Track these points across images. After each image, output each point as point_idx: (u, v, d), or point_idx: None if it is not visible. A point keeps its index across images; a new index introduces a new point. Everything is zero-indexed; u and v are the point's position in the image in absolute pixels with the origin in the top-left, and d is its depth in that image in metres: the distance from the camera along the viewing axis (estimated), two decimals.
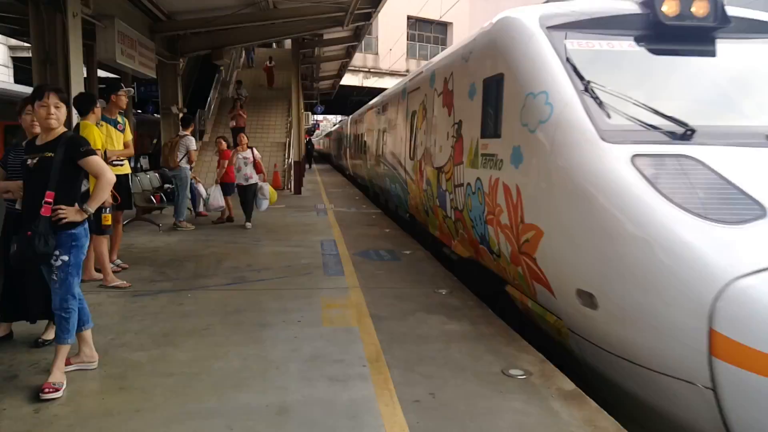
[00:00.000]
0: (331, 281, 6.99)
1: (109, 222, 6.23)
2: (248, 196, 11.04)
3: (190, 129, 11.14)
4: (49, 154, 3.87)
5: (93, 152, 4.09)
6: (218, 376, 4.15)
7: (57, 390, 3.79)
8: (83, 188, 4.42)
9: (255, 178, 11.04)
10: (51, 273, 3.93)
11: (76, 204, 4.00)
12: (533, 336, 5.33)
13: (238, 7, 13.47)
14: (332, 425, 3.48)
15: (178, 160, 10.65)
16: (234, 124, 19.57)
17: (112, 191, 6.57)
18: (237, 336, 5.00)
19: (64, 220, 3.86)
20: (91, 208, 4.02)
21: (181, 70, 16.24)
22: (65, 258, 3.91)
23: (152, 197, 11.00)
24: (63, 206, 3.87)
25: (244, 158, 10.96)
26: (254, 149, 11.26)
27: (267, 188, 11.20)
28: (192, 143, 10.84)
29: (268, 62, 26.72)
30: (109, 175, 4.09)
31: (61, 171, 3.88)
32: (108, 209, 6.16)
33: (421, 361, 4.51)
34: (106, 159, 6.36)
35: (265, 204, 11.20)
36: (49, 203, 3.82)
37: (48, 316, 4.60)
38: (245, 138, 11.37)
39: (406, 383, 4.08)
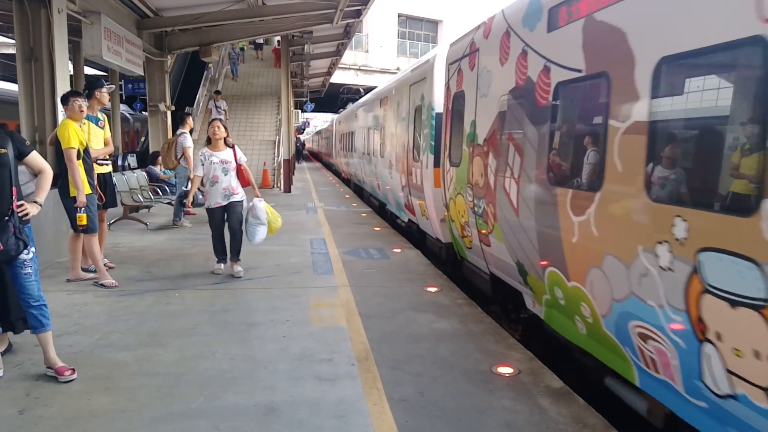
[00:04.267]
0: (321, 280, 6.95)
1: (84, 222, 6.08)
2: (233, 221, 7.05)
3: (188, 126, 10.99)
4: (3, 150, 3.88)
5: (33, 148, 4.17)
6: (205, 376, 4.11)
7: (73, 371, 4.04)
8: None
9: (241, 194, 7.10)
10: (24, 267, 3.98)
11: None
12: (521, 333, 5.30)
13: (226, 4, 13.38)
14: (320, 425, 3.45)
15: (178, 158, 10.69)
16: None
17: (97, 191, 6.56)
18: (224, 335, 4.96)
19: (30, 215, 3.95)
20: (42, 199, 4.08)
21: (169, 67, 16.13)
22: (33, 249, 4.04)
23: (140, 195, 10.93)
24: (23, 202, 3.94)
25: (222, 162, 6.92)
26: (237, 148, 7.18)
27: (263, 207, 7.04)
28: (186, 140, 10.78)
29: (276, 44, 26.92)
30: (50, 169, 4.20)
31: (15, 167, 3.94)
32: (82, 209, 6.04)
33: (410, 359, 4.49)
34: (84, 155, 6.25)
35: (261, 233, 7.02)
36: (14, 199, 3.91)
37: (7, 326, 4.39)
38: (221, 129, 7.05)
39: (395, 382, 4.07)
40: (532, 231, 4.71)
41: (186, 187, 10.62)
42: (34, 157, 4.11)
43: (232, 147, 7.11)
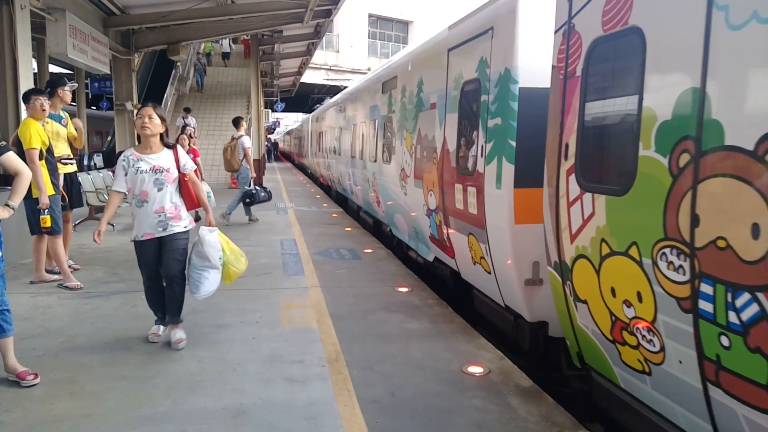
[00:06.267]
0: (291, 281, 6.92)
1: (48, 224, 5.87)
2: (170, 262, 4.71)
3: (243, 128, 11.47)
4: None
5: (8, 149, 4.02)
6: (173, 379, 4.05)
7: (36, 375, 3.95)
8: None
9: (185, 221, 4.77)
10: None
11: None
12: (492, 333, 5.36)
13: (195, 2, 13.22)
14: (290, 427, 3.43)
15: (240, 160, 11.18)
16: None
17: (61, 191, 6.43)
18: (193, 337, 4.88)
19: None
20: (16, 203, 3.93)
21: (136, 66, 15.87)
22: (0, 253, 3.89)
23: (106, 195, 10.72)
24: None
25: (154, 171, 4.57)
26: (180, 149, 4.77)
27: (216, 242, 4.75)
28: (246, 142, 11.22)
29: (245, 36, 26.60)
30: (28, 171, 4.05)
31: None
32: (46, 211, 5.87)
33: (381, 360, 4.50)
34: (47, 155, 6.11)
35: (210, 282, 4.71)
36: None
37: None
38: (153, 121, 4.57)
39: (366, 383, 4.07)
40: None
41: (248, 187, 11.28)
42: (9, 158, 3.95)
43: (173, 148, 4.73)
